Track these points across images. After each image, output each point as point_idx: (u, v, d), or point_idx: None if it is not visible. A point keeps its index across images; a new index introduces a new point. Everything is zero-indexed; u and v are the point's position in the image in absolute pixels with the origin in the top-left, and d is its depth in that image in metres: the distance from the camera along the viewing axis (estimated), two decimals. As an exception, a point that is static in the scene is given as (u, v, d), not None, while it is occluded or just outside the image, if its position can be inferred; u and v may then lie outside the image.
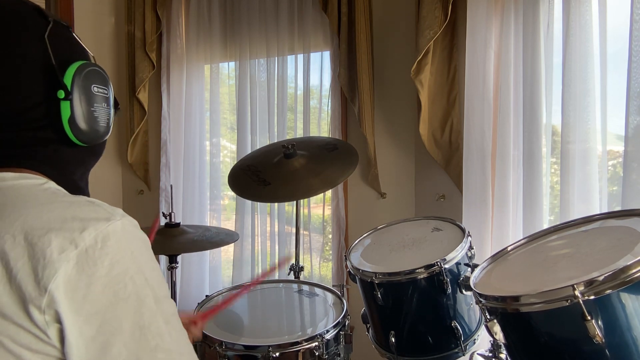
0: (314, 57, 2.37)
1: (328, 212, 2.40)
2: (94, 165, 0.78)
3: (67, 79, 0.66)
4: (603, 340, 0.81)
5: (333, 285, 1.73)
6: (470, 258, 1.37)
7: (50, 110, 0.65)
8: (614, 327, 0.82)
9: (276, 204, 2.40)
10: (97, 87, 0.70)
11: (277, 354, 1.29)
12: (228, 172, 1.85)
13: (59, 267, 0.54)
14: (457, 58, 2.06)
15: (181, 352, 0.62)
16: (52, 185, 0.67)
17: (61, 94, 0.65)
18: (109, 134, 0.74)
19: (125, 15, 2.66)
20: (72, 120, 0.66)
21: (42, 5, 2.39)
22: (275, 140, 2.32)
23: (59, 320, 0.54)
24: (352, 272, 1.43)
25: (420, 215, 2.17)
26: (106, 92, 0.72)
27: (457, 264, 1.31)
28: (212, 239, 1.76)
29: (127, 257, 0.59)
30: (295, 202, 2.06)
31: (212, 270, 2.59)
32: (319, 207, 2.44)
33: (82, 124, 0.68)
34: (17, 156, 0.66)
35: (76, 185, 0.72)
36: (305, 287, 1.75)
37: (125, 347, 0.56)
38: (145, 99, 2.64)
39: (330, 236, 2.40)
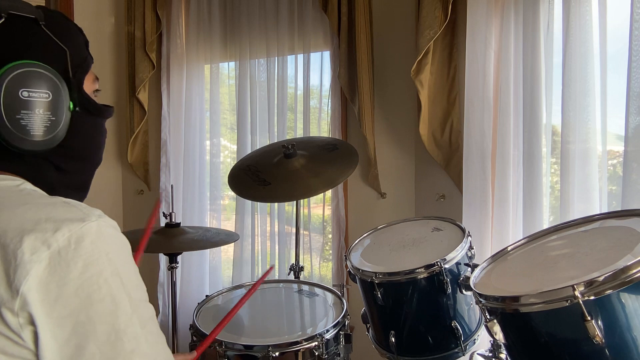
0: (314, 57, 2.37)
1: (328, 212, 2.40)
2: (79, 168, 0.75)
3: None
4: (603, 340, 0.81)
5: (333, 285, 1.74)
6: (470, 258, 1.37)
7: None
8: (614, 327, 0.82)
9: (276, 204, 2.40)
10: (29, 91, 0.64)
11: (277, 353, 1.29)
12: (228, 172, 1.85)
13: (30, 269, 0.53)
14: (457, 58, 2.06)
15: (157, 356, 0.61)
16: (28, 186, 0.66)
17: None
18: (55, 139, 0.68)
19: (125, 15, 2.66)
20: None
21: (42, 5, 2.39)
22: (275, 140, 2.32)
23: (32, 323, 0.53)
24: (352, 272, 1.43)
25: (420, 215, 2.17)
26: (46, 95, 0.66)
27: (457, 264, 1.31)
28: (212, 239, 1.76)
29: (102, 259, 0.57)
30: (295, 202, 2.06)
31: (212, 270, 2.59)
32: (319, 207, 2.44)
33: (8, 132, 0.63)
34: None
35: (52, 187, 0.70)
36: (305, 287, 1.75)
37: (100, 350, 0.55)
38: (145, 99, 2.64)
39: (330, 236, 2.40)
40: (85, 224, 0.58)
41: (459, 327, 1.29)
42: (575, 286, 0.82)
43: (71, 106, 0.70)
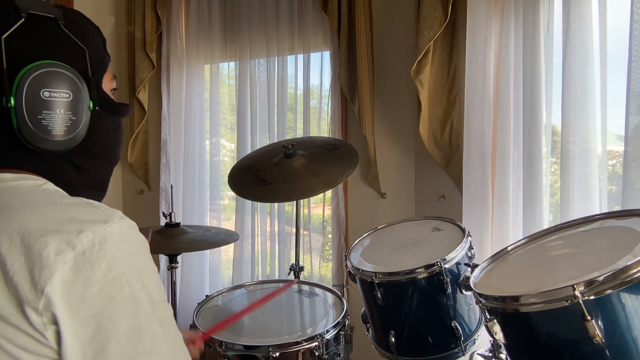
0: (314, 57, 2.37)
1: (328, 212, 2.40)
2: (98, 167, 0.76)
3: (14, 85, 0.62)
4: (603, 340, 0.81)
5: (333, 285, 1.73)
6: (470, 258, 1.37)
7: (5, 118, 0.63)
8: (614, 327, 0.82)
9: (276, 204, 2.40)
10: (50, 92, 0.64)
11: (277, 354, 1.29)
12: (228, 172, 1.85)
13: (55, 270, 0.54)
14: (457, 58, 2.06)
15: (175, 356, 0.62)
16: (51, 186, 0.67)
17: (9, 101, 0.62)
18: (76, 138, 0.68)
19: (125, 15, 2.66)
20: (19, 129, 0.63)
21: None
22: (275, 140, 2.32)
23: (55, 322, 0.54)
24: (352, 272, 1.42)
25: (420, 215, 2.17)
26: (67, 95, 0.66)
27: (457, 264, 1.31)
28: (212, 239, 1.76)
29: (125, 260, 0.58)
30: (295, 202, 2.06)
31: (212, 270, 2.59)
32: (319, 207, 2.44)
33: (30, 132, 0.63)
34: (16, 157, 0.66)
35: (71, 186, 0.71)
36: (305, 287, 1.75)
37: (121, 350, 0.56)
38: (145, 99, 2.64)
39: (330, 236, 2.40)
40: (108, 226, 0.58)
41: (459, 327, 1.28)
42: (575, 286, 0.82)
43: (91, 105, 0.70)
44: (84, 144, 0.70)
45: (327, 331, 1.38)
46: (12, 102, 0.62)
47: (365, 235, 1.60)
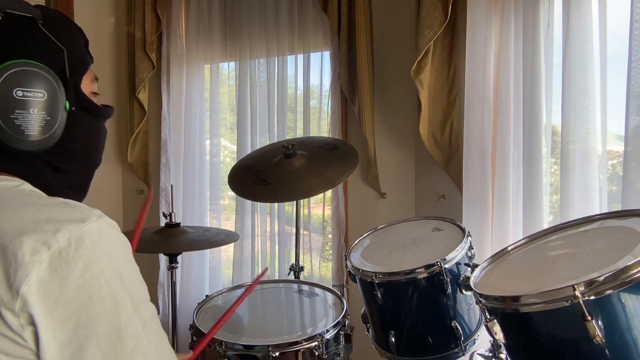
0: (314, 57, 2.37)
1: (328, 212, 2.40)
2: (77, 169, 0.75)
3: None
4: (603, 340, 0.81)
5: (333, 285, 1.73)
6: (470, 258, 1.37)
7: None
8: (614, 327, 0.82)
9: (276, 204, 2.40)
10: (24, 91, 0.64)
11: (277, 353, 1.29)
12: (228, 172, 1.85)
13: (31, 270, 0.53)
14: (457, 58, 2.06)
15: (159, 355, 0.61)
16: (27, 187, 0.66)
17: None
18: (51, 139, 0.67)
19: (125, 15, 2.66)
20: None
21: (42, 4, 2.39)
22: (275, 140, 2.32)
23: (33, 323, 0.53)
24: (352, 272, 1.42)
25: (420, 215, 2.17)
26: (41, 95, 0.65)
27: (457, 264, 1.31)
28: (212, 239, 1.76)
29: (103, 259, 0.58)
30: (295, 202, 2.06)
31: (212, 270, 2.59)
32: (319, 207, 2.44)
33: (3, 133, 0.62)
34: None
35: (50, 187, 0.70)
36: (305, 287, 1.75)
37: (101, 350, 0.55)
38: (145, 99, 2.64)
39: (330, 236, 2.40)
40: (85, 225, 0.58)
41: (459, 327, 1.28)
42: (575, 286, 0.82)
43: (67, 106, 0.69)
44: (61, 144, 0.69)
45: (327, 331, 1.38)
46: None
47: (365, 235, 1.60)
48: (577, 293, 0.81)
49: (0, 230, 0.56)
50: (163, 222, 1.82)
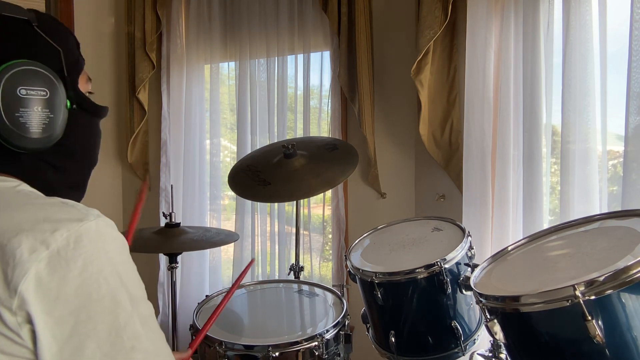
0: (314, 57, 2.37)
1: (328, 212, 2.40)
2: (76, 168, 0.76)
3: None
4: (603, 340, 0.81)
5: (333, 285, 1.74)
6: (470, 258, 1.37)
7: None
8: (614, 327, 0.82)
9: (276, 204, 2.40)
10: (27, 89, 0.65)
11: (277, 353, 1.29)
12: (228, 172, 1.85)
13: (29, 268, 0.53)
14: (457, 58, 2.06)
15: (158, 353, 0.61)
16: (25, 187, 0.67)
17: None
18: (54, 137, 0.68)
19: (125, 15, 2.66)
20: None
21: (42, 5, 2.39)
22: (275, 140, 2.32)
23: (30, 322, 0.54)
24: (352, 272, 1.43)
25: (420, 215, 2.16)
26: (44, 93, 0.67)
27: (457, 264, 1.31)
28: (212, 239, 1.76)
29: (102, 258, 0.58)
30: (295, 202, 2.06)
31: (212, 270, 2.59)
32: (319, 207, 2.44)
33: (8, 130, 0.63)
34: None
35: (50, 187, 0.70)
36: (305, 287, 1.75)
37: (100, 348, 0.55)
38: (145, 99, 2.64)
39: (330, 236, 2.40)
40: (83, 224, 0.58)
41: (459, 327, 1.28)
42: (575, 286, 0.82)
43: (68, 104, 0.71)
44: (61, 143, 0.70)
45: (327, 331, 1.38)
46: None
47: (365, 235, 1.60)
48: (578, 293, 0.81)
49: None
50: (163, 222, 1.82)
